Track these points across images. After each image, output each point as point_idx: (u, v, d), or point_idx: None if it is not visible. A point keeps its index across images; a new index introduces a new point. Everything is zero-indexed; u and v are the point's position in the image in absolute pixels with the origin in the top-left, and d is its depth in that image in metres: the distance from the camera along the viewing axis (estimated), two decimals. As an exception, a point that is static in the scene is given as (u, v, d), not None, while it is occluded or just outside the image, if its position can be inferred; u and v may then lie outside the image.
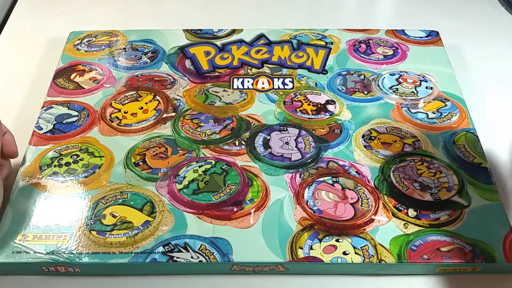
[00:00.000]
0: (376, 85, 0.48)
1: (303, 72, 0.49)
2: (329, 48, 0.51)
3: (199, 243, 0.36)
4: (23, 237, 0.36)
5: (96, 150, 0.42)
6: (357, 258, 0.35)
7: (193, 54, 0.50)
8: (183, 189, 0.39)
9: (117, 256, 0.35)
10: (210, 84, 0.48)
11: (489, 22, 0.58)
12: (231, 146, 0.42)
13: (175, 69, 0.49)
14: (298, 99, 0.46)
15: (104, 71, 0.49)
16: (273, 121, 0.44)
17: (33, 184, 0.39)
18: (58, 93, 0.47)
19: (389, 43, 0.52)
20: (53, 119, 0.44)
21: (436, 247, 0.36)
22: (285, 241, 0.36)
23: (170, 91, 0.47)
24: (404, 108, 0.46)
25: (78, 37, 0.53)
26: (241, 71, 0.49)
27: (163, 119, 0.45)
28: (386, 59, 0.51)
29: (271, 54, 0.50)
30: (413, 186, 0.40)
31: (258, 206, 0.38)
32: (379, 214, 0.38)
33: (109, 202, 0.38)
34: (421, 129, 0.44)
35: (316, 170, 0.41)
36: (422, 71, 0.49)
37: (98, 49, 0.51)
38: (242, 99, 0.46)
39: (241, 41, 0.52)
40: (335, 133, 0.43)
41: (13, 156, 0.40)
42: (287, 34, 0.53)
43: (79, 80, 0.48)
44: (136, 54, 0.51)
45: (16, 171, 0.40)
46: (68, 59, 0.50)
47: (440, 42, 0.52)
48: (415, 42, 0.52)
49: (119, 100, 0.46)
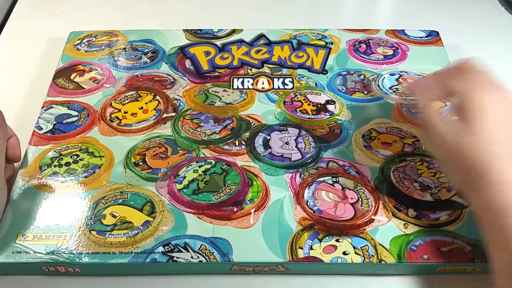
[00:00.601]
0: (376, 85, 0.48)
1: (303, 72, 0.49)
2: (329, 48, 0.51)
3: (199, 243, 0.36)
4: (23, 237, 0.36)
5: (96, 150, 0.42)
6: (357, 258, 0.35)
7: (193, 54, 0.50)
8: (183, 189, 0.39)
9: (117, 256, 0.35)
10: (210, 84, 0.48)
11: (489, 22, 0.58)
12: (231, 146, 0.42)
13: (175, 69, 0.49)
14: (298, 99, 0.46)
15: (104, 71, 0.49)
16: (273, 121, 0.44)
17: (33, 184, 0.39)
18: (58, 93, 0.47)
19: (389, 43, 0.52)
20: (53, 119, 0.44)
21: (436, 247, 0.36)
22: (285, 241, 0.36)
23: (170, 91, 0.47)
24: (404, 108, 0.46)
25: (78, 37, 0.53)
26: (241, 71, 0.49)
27: (163, 119, 0.45)
28: (386, 59, 0.51)
29: (271, 54, 0.50)
30: (413, 186, 0.40)
31: (258, 206, 0.38)
32: (379, 214, 0.38)
33: (109, 202, 0.38)
34: (421, 129, 0.44)
35: (316, 170, 0.41)
36: (422, 71, 0.49)
37: (98, 49, 0.51)
38: (242, 99, 0.46)
39: (241, 41, 0.52)
40: (335, 133, 0.43)
41: (16, 160, 0.40)
42: (287, 34, 0.53)
43: (79, 80, 0.48)
44: (136, 54, 0.51)
45: (16, 171, 0.41)
46: (68, 59, 0.50)
47: (440, 42, 0.52)
48: (415, 42, 0.52)
49: (119, 100, 0.46)
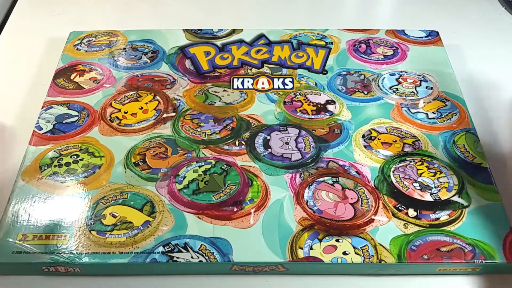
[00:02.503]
0: (376, 85, 0.48)
1: (303, 72, 0.49)
2: (329, 48, 0.51)
3: (199, 243, 0.36)
4: (23, 237, 0.36)
5: (96, 150, 0.42)
6: (357, 258, 0.35)
7: (193, 54, 0.50)
8: (183, 189, 0.39)
9: (117, 256, 0.35)
10: (210, 84, 0.48)
11: (489, 22, 0.58)
12: (231, 146, 0.42)
13: (175, 69, 0.49)
14: (298, 99, 0.46)
15: (104, 71, 0.49)
16: (273, 121, 0.44)
17: (33, 184, 0.39)
18: (58, 93, 0.47)
19: (389, 43, 0.52)
20: (53, 119, 0.44)
21: (436, 247, 0.36)
22: (285, 241, 0.36)
23: (170, 91, 0.47)
24: (404, 108, 0.46)
25: (78, 37, 0.53)
26: (241, 71, 0.49)
27: (163, 119, 0.45)
28: (386, 59, 0.51)
29: (271, 54, 0.50)
30: (413, 186, 0.40)
31: (258, 206, 0.38)
32: (379, 214, 0.38)
33: (109, 202, 0.38)
34: (421, 129, 0.44)
35: (316, 170, 0.41)
36: (422, 71, 0.49)
37: (98, 49, 0.51)
38: (242, 99, 0.46)
39: (241, 41, 0.52)
40: (335, 133, 0.43)
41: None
42: (287, 34, 0.53)
43: (79, 80, 0.48)
44: (136, 54, 0.51)
45: (16, 171, 0.41)
46: (68, 59, 0.50)
47: (440, 42, 0.52)
48: (415, 42, 0.52)
49: (119, 100, 0.46)
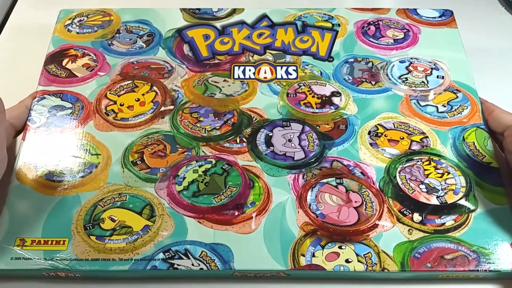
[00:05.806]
0: (384, 74, 0.45)
1: (307, 60, 0.46)
2: (336, 31, 0.48)
3: (200, 250, 0.35)
4: (22, 242, 0.36)
5: (92, 147, 0.40)
6: (360, 266, 0.35)
7: (191, 38, 0.48)
8: (182, 191, 0.38)
9: (117, 263, 0.35)
10: (210, 73, 0.45)
11: (489, 22, 0.55)
12: (232, 143, 0.41)
13: (173, 55, 0.46)
14: (302, 90, 0.44)
15: (98, 56, 0.46)
16: (275, 115, 0.42)
17: (28, 185, 0.38)
18: (50, 82, 0.45)
19: (400, 24, 0.49)
20: (46, 111, 0.43)
21: (440, 254, 0.35)
22: (287, 248, 0.35)
23: (168, 81, 0.45)
24: (413, 100, 0.44)
25: (68, 16, 0.50)
26: (242, 58, 0.46)
27: (161, 112, 0.43)
28: (396, 43, 0.48)
29: (274, 38, 0.47)
30: (419, 188, 0.38)
31: (260, 210, 0.37)
32: (383, 219, 0.37)
33: (108, 204, 0.37)
34: (430, 125, 0.42)
35: (319, 171, 0.39)
36: (434, 57, 0.47)
37: (90, 31, 0.48)
38: (243, 90, 0.44)
39: (242, 22, 0.49)
40: (340, 129, 0.42)
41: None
42: (291, 15, 0.49)
43: (71, 67, 0.46)
44: (131, 37, 0.48)
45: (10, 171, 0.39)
46: (59, 42, 0.48)
47: (454, 24, 0.49)
48: (427, 23, 0.49)
49: (114, 90, 0.44)
